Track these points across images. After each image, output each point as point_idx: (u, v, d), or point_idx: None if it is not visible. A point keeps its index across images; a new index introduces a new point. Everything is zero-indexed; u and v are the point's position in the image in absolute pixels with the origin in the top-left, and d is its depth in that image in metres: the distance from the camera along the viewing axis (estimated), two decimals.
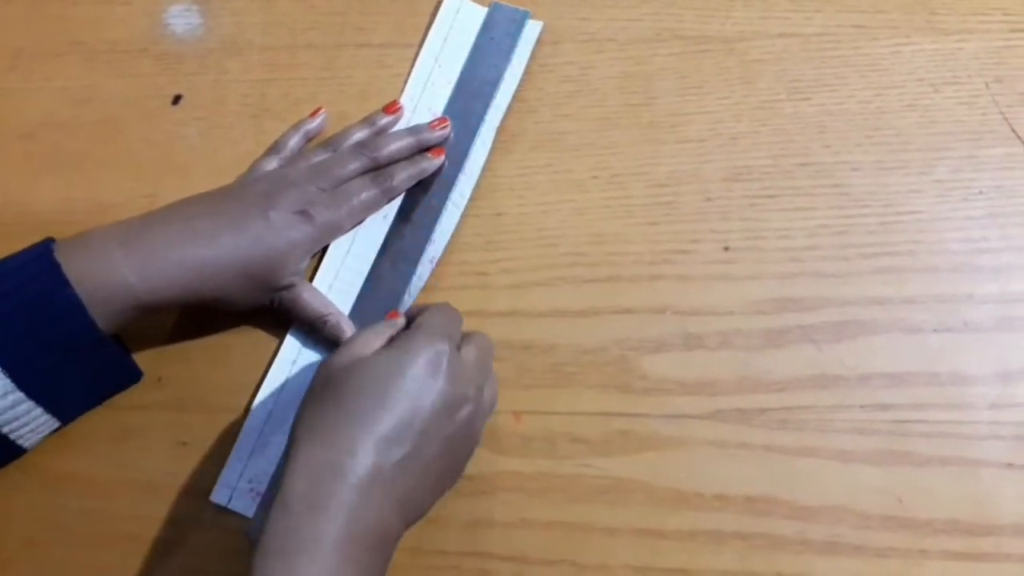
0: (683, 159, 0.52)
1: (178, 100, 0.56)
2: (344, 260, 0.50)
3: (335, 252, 0.50)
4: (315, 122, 0.53)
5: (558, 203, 0.51)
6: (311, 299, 0.48)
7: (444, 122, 0.52)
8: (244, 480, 0.47)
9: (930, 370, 0.47)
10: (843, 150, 0.51)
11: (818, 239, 0.50)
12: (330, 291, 0.50)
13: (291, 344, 0.49)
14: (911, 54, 0.53)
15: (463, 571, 0.45)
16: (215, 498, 0.47)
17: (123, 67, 0.57)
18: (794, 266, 0.49)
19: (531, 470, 0.47)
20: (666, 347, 0.48)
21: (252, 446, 0.48)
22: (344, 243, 0.50)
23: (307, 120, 0.53)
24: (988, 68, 0.52)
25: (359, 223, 0.51)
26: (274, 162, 0.51)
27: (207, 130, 0.55)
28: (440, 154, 0.51)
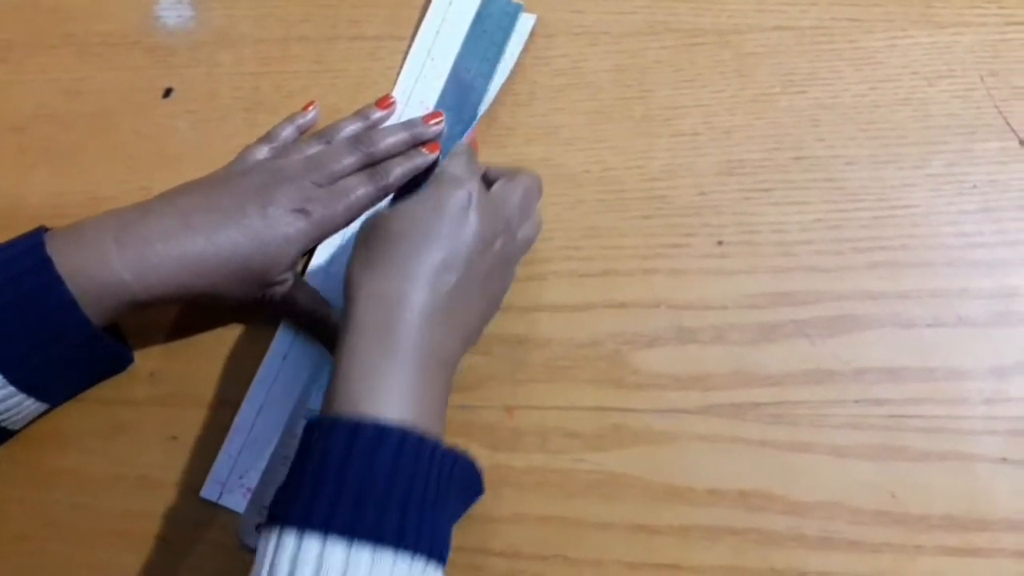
0: (677, 153, 0.52)
1: (169, 93, 0.55)
2: (335, 255, 0.50)
3: (327, 247, 0.50)
4: (308, 116, 0.53)
5: (552, 197, 0.51)
6: (303, 294, 0.48)
7: (438, 116, 0.52)
8: (235, 475, 0.47)
9: (924, 365, 0.47)
10: (837, 144, 0.51)
11: (812, 233, 0.50)
12: (322, 286, 0.49)
13: (282, 339, 0.49)
14: (906, 47, 0.53)
15: (456, 566, 0.45)
16: (205, 494, 0.47)
17: (115, 60, 0.57)
18: (788, 260, 0.49)
19: (524, 465, 0.47)
20: (660, 341, 0.48)
21: (243, 442, 0.48)
22: (336, 237, 0.50)
23: (300, 114, 0.53)
24: (983, 62, 0.52)
25: (354, 220, 0.50)
26: (265, 151, 0.51)
27: (199, 123, 0.55)
28: (435, 149, 0.51)
